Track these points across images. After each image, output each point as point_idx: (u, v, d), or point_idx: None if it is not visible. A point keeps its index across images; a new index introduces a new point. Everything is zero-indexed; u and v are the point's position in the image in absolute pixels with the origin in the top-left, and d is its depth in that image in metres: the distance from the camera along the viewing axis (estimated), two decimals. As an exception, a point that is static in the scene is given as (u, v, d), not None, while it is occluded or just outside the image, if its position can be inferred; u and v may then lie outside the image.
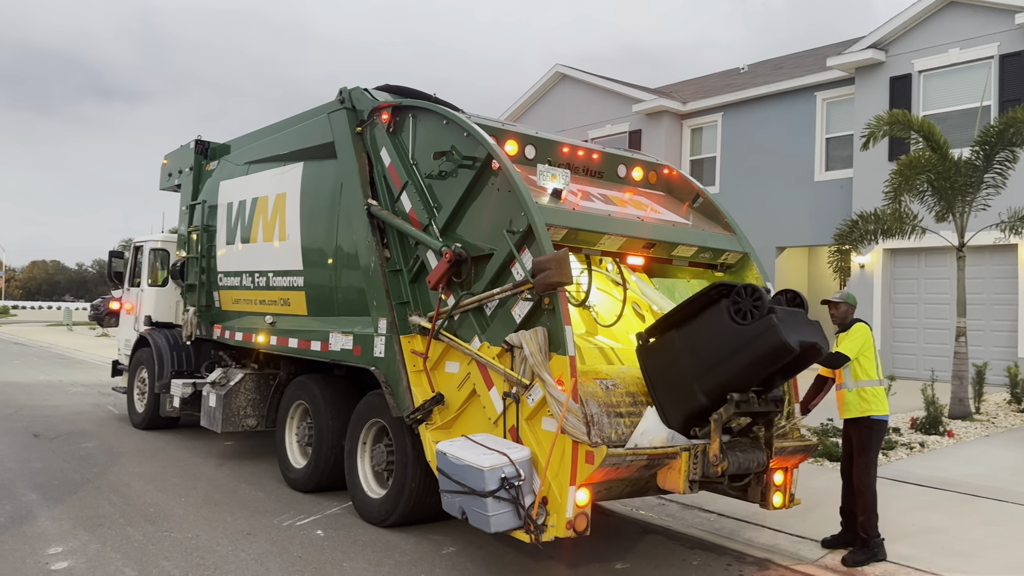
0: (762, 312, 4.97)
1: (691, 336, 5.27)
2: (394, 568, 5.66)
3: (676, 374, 5.26)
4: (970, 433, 11.15)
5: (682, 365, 5.24)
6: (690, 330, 5.29)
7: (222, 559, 5.74)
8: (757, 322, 4.96)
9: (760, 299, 5.01)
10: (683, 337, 5.30)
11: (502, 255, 5.53)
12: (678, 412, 5.25)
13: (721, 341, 5.09)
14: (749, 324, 4.99)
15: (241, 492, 7.67)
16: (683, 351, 5.26)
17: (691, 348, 5.23)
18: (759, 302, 5.01)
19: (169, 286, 11.57)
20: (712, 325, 5.18)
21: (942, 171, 12.10)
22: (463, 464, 5.04)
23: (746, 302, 5.06)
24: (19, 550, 5.80)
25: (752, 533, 6.65)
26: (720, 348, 5.10)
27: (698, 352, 5.19)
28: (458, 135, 6.11)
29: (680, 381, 5.23)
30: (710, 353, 5.14)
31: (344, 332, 7.13)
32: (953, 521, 7.00)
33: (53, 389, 15.34)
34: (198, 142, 10.42)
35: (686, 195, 7.34)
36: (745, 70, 25.90)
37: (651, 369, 5.47)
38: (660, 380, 5.37)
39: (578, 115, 25.62)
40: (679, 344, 5.30)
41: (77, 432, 10.61)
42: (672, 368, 5.30)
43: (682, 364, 5.24)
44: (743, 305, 5.06)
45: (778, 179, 21.07)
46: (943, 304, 17.35)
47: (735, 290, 5.14)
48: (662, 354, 5.41)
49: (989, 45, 16.97)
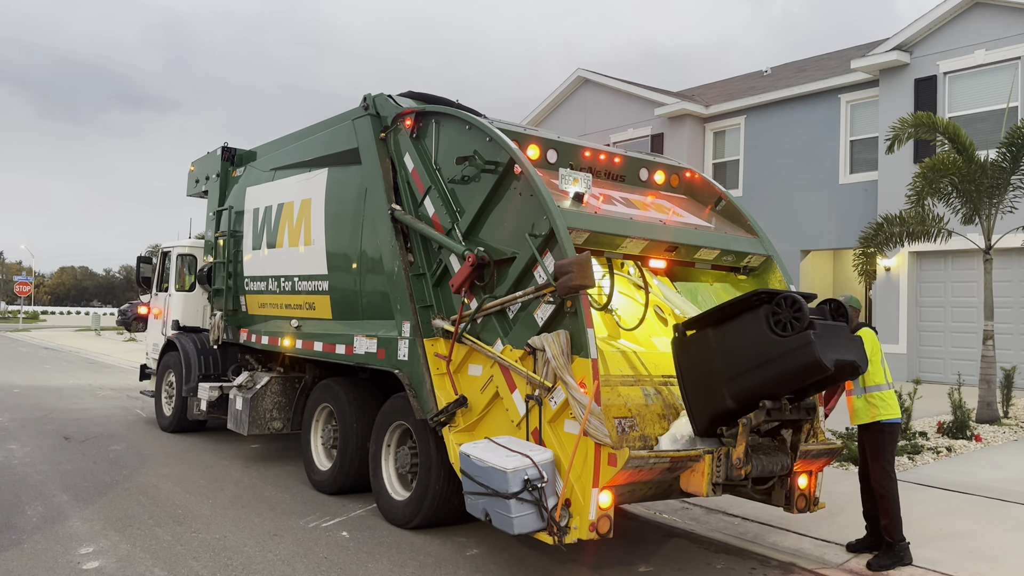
0: (801, 326, 4.84)
1: (726, 337, 5.18)
2: (418, 569, 5.71)
3: (707, 373, 5.20)
4: (998, 437, 11.02)
5: (714, 365, 5.17)
6: (726, 331, 5.20)
7: (249, 560, 5.82)
8: (794, 336, 4.84)
9: (800, 312, 4.89)
10: (719, 337, 5.22)
11: (524, 259, 5.57)
12: (705, 411, 5.23)
13: (755, 348, 5.01)
14: (786, 337, 4.87)
15: (267, 494, 7.76)
16: (717, 351, 5.18)
17: (725, 349, 5.15)
18: (799, 315, 4.89)
19: (196, 291, 11.72)
20: (748, 330, 5.08)
21: (967, 174, 11.98)
22: (486, 466, 5.07)
23: (786, 313, 4.94)
24: (51, 550, 5.91)
25: (776, 537, 6.63)
26: (753, 355, 5.01)
27: (731, 355, 5.12)
28: (480, 140, 6.16)
29: (710, 380, 5.18)
30: (742, 358, 5.06)
31: (368, 335, 7.20)
32: (980, 526, 6.94)
33: (82, 393, 15.57)
34: (225, 149, 10.56)
35: (708, 198, 7.34)
36: (768, 73, 25.78)
37: (683, 363, 5.38)
38: (691, 376, 5.31)
39: (600, 119, 25.62)
40: (714, 343, 5.22)
41: (106, 435, 10.77)
42: (704, 366, 5.23)
43: (714, 364, 5.17)
44: (782, 316, 4.94)
45: (802, 182, 20.94)
46: (970, 307, 17.16)
47: (776, 299, 5.02)
48: (696, 350, 5.32)
49: (1016, 46, 16.78)
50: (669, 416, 5.69)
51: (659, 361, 6.40)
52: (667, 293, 7.43)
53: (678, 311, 7.28)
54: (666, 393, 5.81)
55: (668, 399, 5.78)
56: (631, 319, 6.89)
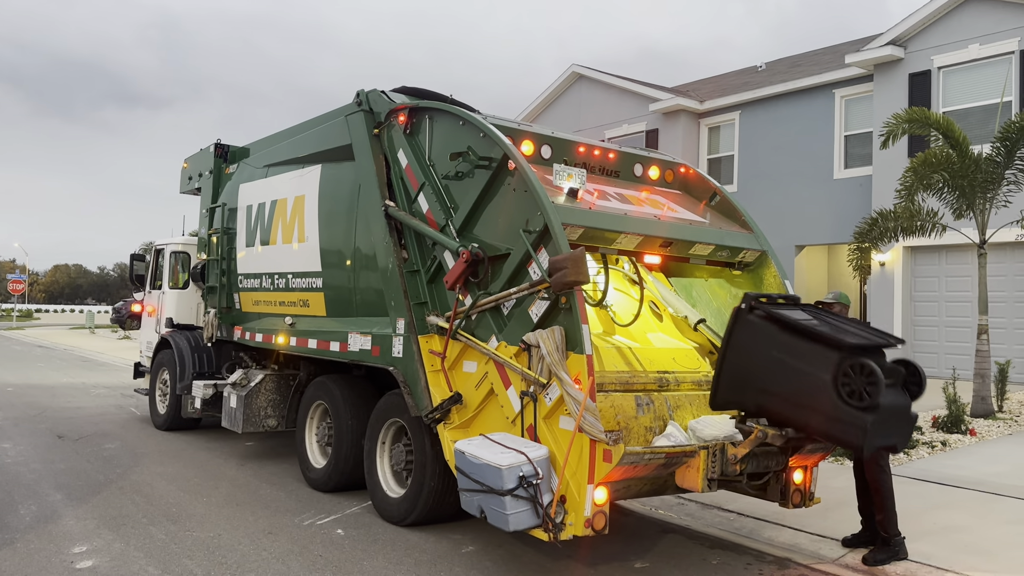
0: (867, 402, 4.63)
1: (791, 352, 4.89)
2: (414, 567, 5.70)
3: (754, 368, 5.01)
4: (992, 431, 11.05)
5: (765, 367, 4.96)
6: (795, 347, 4.89)
7: (244, 558, 5.80)
8: (854, 411, 4.64)
9: (874, 387, 4.61)
10: (785, 345, 4.94)
11: (519, 255, 5.55)
12: (728, 393, 5.19)
13: (813, 388, 4.78)
14: (846, 406, 4.65)
15: (262, 492, 7.73)
16: (775, 358, 4.93)
17: (783, 363, 4.89)
18: (872, 389, 4.63)
19: (190, 288, 11.68)
20: (816, 366, 4.79)
21: (959, 168, 12.00)
22: (481, 463, 5.06)
23: (858, 381, 4.68)
24: (44, 549, 5.88)
25: (772, 532, 6.63)
26: (807, 393, 4.80)
27: (786, 374, 4.88)
28: (474, 136, 6.14)
29: (752, 377, 5.02)
30: (796, 387, 4.85)
31: (363, 333, 7.18)
32: (975, 520, 6.95)
33: (76, 391, 15.52)
34: (217, 146, 10.52)
35: (703, 193, 7.33)
36: (762, 68, 25.79)
37: (736, 338, 5.15)
38: (736, 355, 5.09)
39: (595, 115, 25.59)
40: (776, 348, 4.95)
41: (100, 433, 10.74)
42: (755, 358, 5.01)
43: (766, 366, 4.96)
44: (853, 384, 4.69)
45: (797, 177, 20.95)
46: (964, 302, 17.19)
47: (855, 362, 4.71)
48: (755, 337, 5.03)
49: (1010, 40, 16.80)
50: (656, 429, 5.68)
51: (654, 357, 6.39)
52: (662, 291, 7.42)
53: (671, 309, 7.27)
54: (658, 404, 5.79)
55: (659, 410, 5.76)
56: (626, 315, 6.88)
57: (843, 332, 4.94)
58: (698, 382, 6.39)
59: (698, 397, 6.12)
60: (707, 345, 6.98)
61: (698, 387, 6.36)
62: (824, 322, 5.08)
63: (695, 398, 6.09)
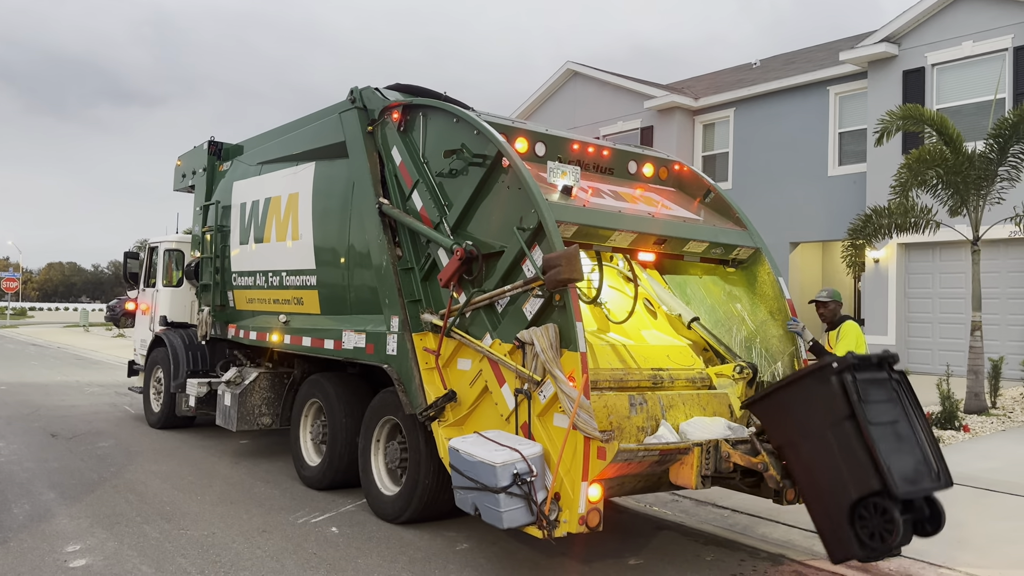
0: (871, 545, 4.55)
1: (839, 442, 4.68)
2: (408, 564, 5.69)
3: (800, 416, 4.89)
4: (986, 428, 11.09)
5: (810, 426, 4.82)
6: (845, 442, 4.67)
7: (238, 556, 5.79)
8: (854, 539, 4.58)
9: (887, 536, 4.49)
10: (838, 430, 4.71)
11: (513, 252, 5.55)
12: (764, 409, 5.23)
13: (832, 486, 4.69)
14: (852, 532, 4.58)
15: (256, 490, 7.72)
16: (824, 431, 4.75)
17: (827, 442, 4.72)
18: (884, 536, 4.50)
19: (184, 286, 11.65)
20: (849, 474, 4.64)
21: (952, 165, 12.03)
22: (475, 460, 5.06)
23: (875, 521, 4.54)
24: (38, 548, 5.87)
25: (766, 529, 6.64)
26: (826, 482, 4.73)
27: (822, 453, 4.75)
28: (468, 133, 6.13)
29: (793, 419, 4.93)
30: (821, 468, 4.76)
31: (357, 330, 7.17)
32: (969, 516, 6.97)
33: (70, 389, 15.48)
34: (211, 143, 10.49)
35: (697, 191, 7.33)
36: (757, 65, 25.79)
37: (804, 384, 4.98)
38: (793, 394, 4.97)
39: (589, 112, 25.58)
40: (831, 424, 4.74)
41: (94, 432, 10.71)
42: (807, 410, 4.86)
43: (811, 426, 4.81)
44: (869, 521, 4.57)
45: (791, 174, 20.97)
46: (958, 298, 17.23)
47: (881, 504, 4.54)
48: (820, 396, 4.82)
49: (1003, 37, 16.83)
50: (648, 429, 5.70)
51: (648, 354, 6.40)
52: (656, 288, 7.43)
53: (665, 307, 7.28)
54: (651, 403, 5.80)
55: (652, 410, 5.77)
56: (620, 312, 6.88)
57: (898, 460, 4.69)
58: (692, 379, 6.40)
59: (692, 396, 6.14)
60: (701, 343, 6.99)
61: (692, 384, 6.37)
62: (891, 431, 4.79)
63: (688, 397, 6.10)
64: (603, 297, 6.91)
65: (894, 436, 4.76)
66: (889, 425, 4.77)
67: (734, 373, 6.48)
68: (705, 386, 6.46)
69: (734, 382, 6.46)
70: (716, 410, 6.22)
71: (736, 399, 6.37)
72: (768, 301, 6.64)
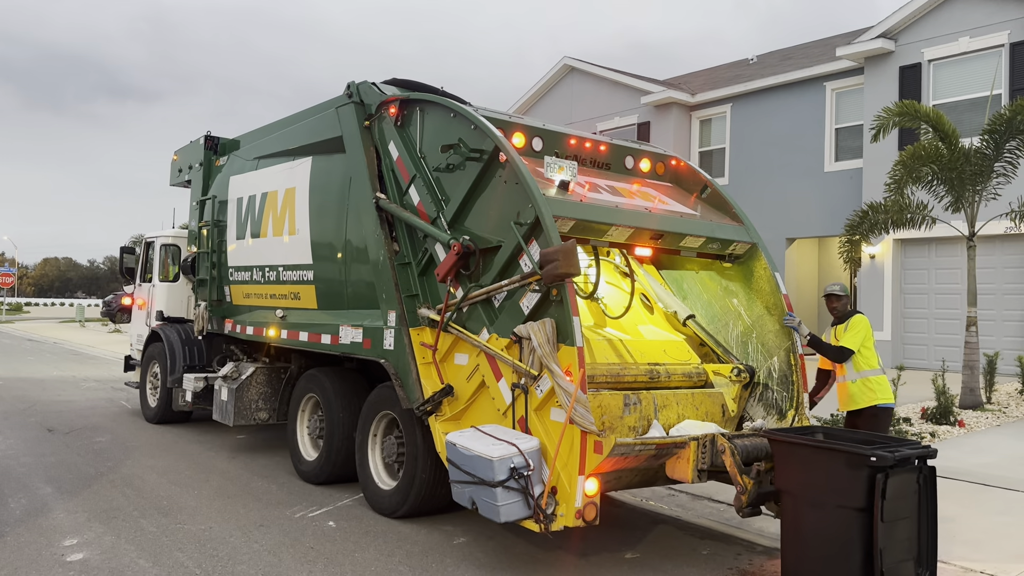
0: None
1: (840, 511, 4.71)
2: (405, 558, 5.71)
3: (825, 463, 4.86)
4: (981, 423, 11.13)
5: (824, 476, 4.82)
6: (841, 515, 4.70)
7: (235, 550, 5.80)
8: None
9: None
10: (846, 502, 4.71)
11: (510, 247, 5.55)
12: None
13: (819, 552, 4.76)
14: None
15: (253, 485, 7.73)
16: (836, 501, 4.75)
17: (828, 507, 4.77)
18: None
19: (180, 281, 11.64)
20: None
21: (948, 161, 12.06)
22: (473, 455, 5.07)
23: None
24: (35, 542, 5.87)
25: (762, 522, 6.66)
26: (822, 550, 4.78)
27: (822, 516, 4.81)
28: (465, 128, 6.13)
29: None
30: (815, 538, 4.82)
31: (354, 325, 7.17)
32: (963, 510, 7.00)
33: (66, 384, 15.47)
34: (207, 138, 10.47)
35: (694, 186, 7.34)
36: (754, 61, 25.80)
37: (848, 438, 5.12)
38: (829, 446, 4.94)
39: (586, 108, 25.58)
40: (845, 500, 4.72)
41: (90, 426, 10.71)
42: (829, 462, 4.83)
43: (826, 476, 4.82)
44: None
45: (788, 170, 21.00)
46: (954, 294, 17.28)
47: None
48: (845, 469, 4.73)
49: (999, 33, 16.86)
50: (640, 429, 5.72)
51: (645, 349, 6.42)
52: (652, 285, 7.44)
53: (661, 304, 7.29)
54: (645, 403, 5.82)
55: (646, 410, 5.79)
56: (617, 307, 6.89)
57: (890, 556, 4.70)
58: (688, 374, 6.42)
59: (687, 396, 6.15)
60: (696, 339, 7.01)
61: (688, 379, 6.39)
62: (898, 528, 4.76)
63: (683, 397, 6.12)
64: (600, 292, 6.92)
65: (897, 533, 4.73)
66: (899, 522, 4.73)
67: (731, 375, 6.50)
68: (702, 382, 6.48)
69: (731, 383, 6.47)
70: (710, 410, 6.24)
71: (731, 400, 6.40)
72: (764, 296, 6.66)
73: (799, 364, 6.33)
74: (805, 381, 6.28)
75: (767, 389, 6.46)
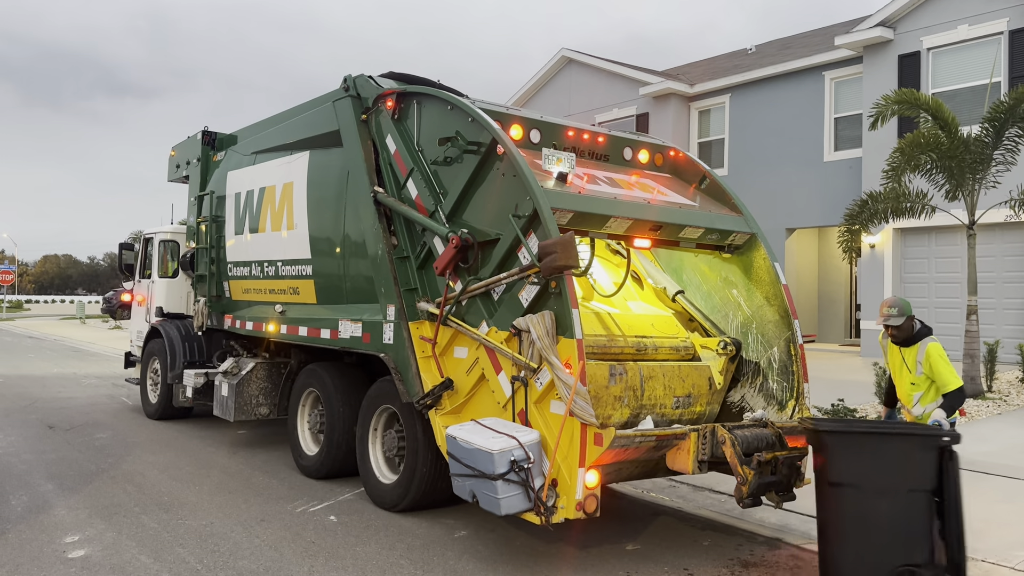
0: None
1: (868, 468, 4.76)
2: (406, 552, 5.71)
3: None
4: (982, 411, 11.13)
5: (867, 463, 4.81)
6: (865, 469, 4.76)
7: (236, 545, 5.80)
8: None
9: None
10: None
11: (508, 240, 5.54)
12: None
13: (883, 539, 4.74)
14: None
15: (254, 480, 7.73)
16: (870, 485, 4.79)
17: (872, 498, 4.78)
18: None
19: (180, 277, 11.63)
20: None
21: (947, 149, 12.02)
22: (473, 448, 5.07)
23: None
24: (36, 539, 5.87)
25: (762, 513, 6.67)
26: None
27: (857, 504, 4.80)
28: (463, 120, 6.11)
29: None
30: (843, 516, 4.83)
31: (353, 319, 7.16)
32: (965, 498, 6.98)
33: (67, 381, 15.47)
34: (205, 133, 10.44)
35: (693, 177, 7.32)
36: (752, 51, 25.72)
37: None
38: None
39: (585, 99, 25.51)
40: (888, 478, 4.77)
41: (91, 423, 10.71)
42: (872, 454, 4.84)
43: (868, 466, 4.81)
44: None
45: (787, 160, 20.95)
46: (954, 283, 17.25)
47: (913, 568, 4.67)
48: (894, 456, 4.79)
49: (998, 21, 16.79)
50: (626, 398, 5.72)
51: (633, 323, 6.44)
52: (644, 262, 7.45)
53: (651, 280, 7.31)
54: (631, 374, 5.81)
55: (631, 380, 5.79)
56: (608, 285, 6.91)
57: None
58: (676, 348, 6.46)
59: (673, 368, 6.17)
60: (685, 314, 7.04)
61: (675, 352, 6.42)
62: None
63: (669, 369, 6.14)
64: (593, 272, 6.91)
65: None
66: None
67: (718, 348, 6.52)
68: (689, 355, 6.51)
69: (717, 356, 6.49)
70: (696, 382, 6.26)
71: (718, 373, 6.42)
72: (764, 287, 6.65)
73: (799, 354, 6.31)
74: (805, 371, 6.27)
75: (767, 379, 6.45)
